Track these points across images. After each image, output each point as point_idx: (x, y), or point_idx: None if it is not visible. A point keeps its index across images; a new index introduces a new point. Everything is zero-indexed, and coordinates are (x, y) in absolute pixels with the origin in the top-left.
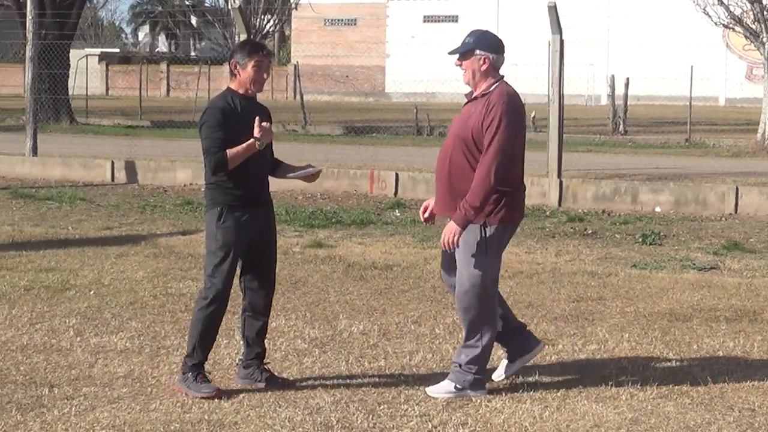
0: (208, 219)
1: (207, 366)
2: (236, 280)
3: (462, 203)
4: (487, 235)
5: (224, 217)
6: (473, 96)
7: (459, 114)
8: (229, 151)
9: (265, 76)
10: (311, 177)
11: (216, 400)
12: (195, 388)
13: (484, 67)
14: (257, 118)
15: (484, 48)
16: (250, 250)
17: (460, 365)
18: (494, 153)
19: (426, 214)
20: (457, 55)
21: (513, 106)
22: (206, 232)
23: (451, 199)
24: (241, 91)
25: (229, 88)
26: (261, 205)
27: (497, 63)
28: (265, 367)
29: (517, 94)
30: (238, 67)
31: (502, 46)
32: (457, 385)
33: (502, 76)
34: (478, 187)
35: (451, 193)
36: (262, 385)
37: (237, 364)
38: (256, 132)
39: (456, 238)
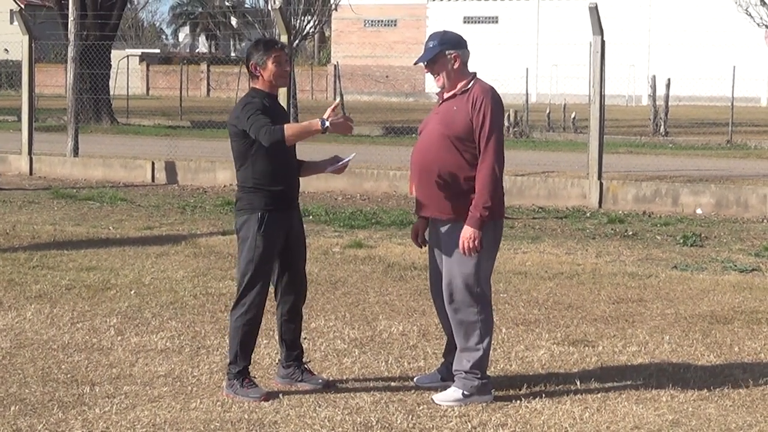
0: (246, 225)
1: None
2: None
3: (473, 207)
4: (480, 234)
5: (266, 223)
6: (452, 94)
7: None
8: (287, 126)
9: (287, 68)
10: (343, 167)
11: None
12: (243, 394)
13: (456, 65)
14: (336, 101)
15: (451, 47)
16: (283, 253)
17: (464, 371)
18: (494, 149)
19: (419, 239)
20: (424, 64)
21: (497, 100)
22: (242, 237)
23: (446, 198)
24: (266, 90)
25: (253, 89)
26: (294, 207)
27: (465, 58)
28: (306, 366)
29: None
30: (258, 68)
31: (465, 41)
32: (465, 392)
33: (474, 73)
34: (487, 185)
35: (445, 192)
36: (306, 386)
37: (277, 364)
38: (329, 114)
39: (476, 242)
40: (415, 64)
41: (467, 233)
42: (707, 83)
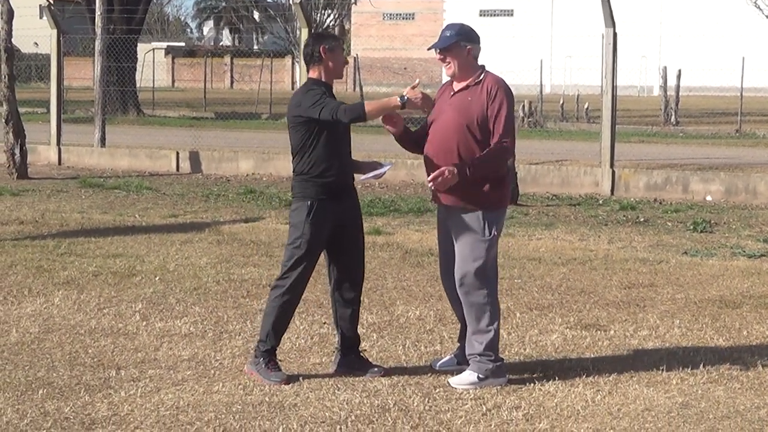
0: (296, 211)
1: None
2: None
3: (470, 162)
4: (488, 221)
5: (315, 211)
6: (465, 85)
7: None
8: (367, 102)
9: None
10: (381, 175)
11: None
12: (265, 375)
13: (469, 59)
14: (416, 80)
15: (466, 40)
16: (338, 239)
17: (477, 354)
18: (506, 135)
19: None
20: (437, 50)
21: (509, 91)
22: (291, 222)
23: (463, 186)
24: (324, 79)
25: (311, 79)
26: (348, 193)
27: (477, 52)
28: (362, 355)
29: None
30: (327, 53)
31: (479, 37)
32: (480, 375)
33: (483, 66)
34: (489, 155)
35: (464, 184)
36: (362, 374)
37: (334, 352)
38: (409, 91)
39: (448, 184)
40: (428, 49)
41: (445, 172)
42: (717, 74)
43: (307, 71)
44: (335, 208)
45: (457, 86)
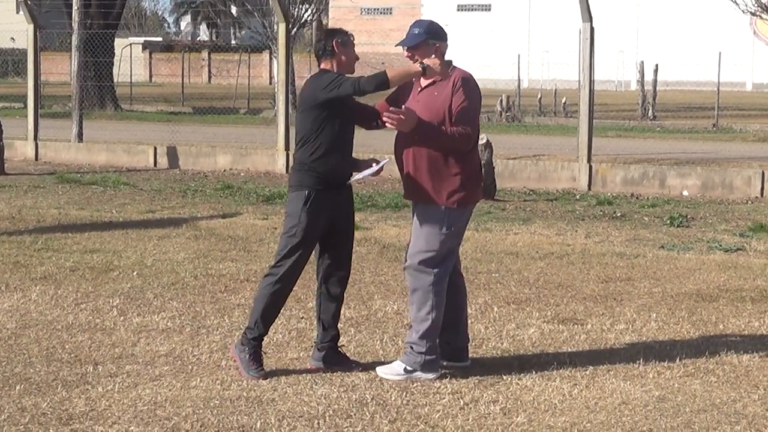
0: (293, 200)
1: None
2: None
3: (432, 125)
4: (450, 218)
5: (311, 201)
6: (432, 81)
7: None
8: (389, 68)
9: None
10: (379, 171)
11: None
12: (246, 366)
13: (437, 56)
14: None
15: (434, 38)
16: (330, 233)
17: (411, 346)
18: (468, 120)
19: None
20: (405, 48)
21: (475, 84)
22: (287, 212)
23: (429, 181)
24: (336, 71)
25: (323, 70)
26: (344, 186)
27: (444, 50)
28: (340, 350)
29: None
30: (340, 47)
31: (447, 34)
32: (407, 367)
33: (450, 61)
34: (452, 132)
35: (430, 175)
36: (338, 369)
37: (312, 346)
38: (429, 60)
39: (404, 125)
40: (396, 45)
41: (402, 113)
42: (694, 69)
43: (318, 65)
44: (331, 201)
45: (424, 82)
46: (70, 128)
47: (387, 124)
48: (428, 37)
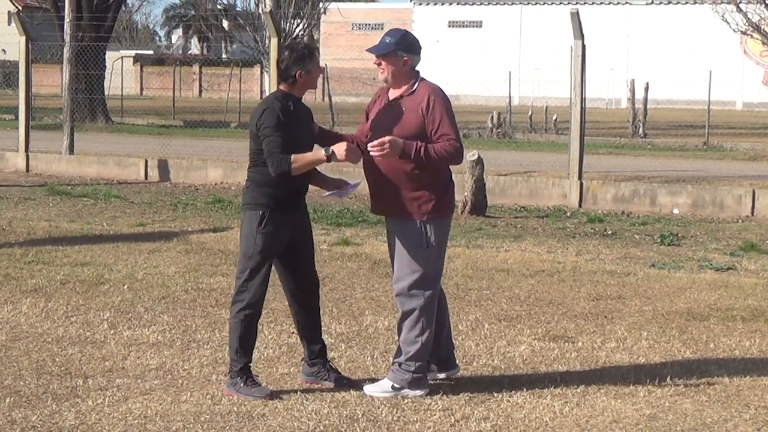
0: (248, 220)
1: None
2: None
3: (420, 146)
4: (428, 231)
5: (266, 221)
6: (399, 95)
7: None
8: (294, 156)
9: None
10: (346, 194)
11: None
12: (246, 393)
13: (404, 68)
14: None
15: (404, 50)
16: (289, 254)
17: (399, 364)
18: (454, 132)
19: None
20: (375, 55)
21: (445, 96)
22: (243, 233)
23: (401, 197)
24: (295, 93)
25: (281, 91)
26: (300, 209)
27: (415, 63)
28: (331, 365)
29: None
30: (303, 75)
31: (420, 48)
32: (395, 385)
33: (419, 72)
34: (438, 149)
35: (402, 191)
36: (330, 384)
37: (301, 362)
38: (336, 148)
39: (387, 153)
40: (366, 50)
41: (389, 141)
42: (685, 87)
43: (278, 83)
44: (287, 221)
45: (392, 94)
46: (61, 140)
47: (376, 158)
48: (398, 48)
